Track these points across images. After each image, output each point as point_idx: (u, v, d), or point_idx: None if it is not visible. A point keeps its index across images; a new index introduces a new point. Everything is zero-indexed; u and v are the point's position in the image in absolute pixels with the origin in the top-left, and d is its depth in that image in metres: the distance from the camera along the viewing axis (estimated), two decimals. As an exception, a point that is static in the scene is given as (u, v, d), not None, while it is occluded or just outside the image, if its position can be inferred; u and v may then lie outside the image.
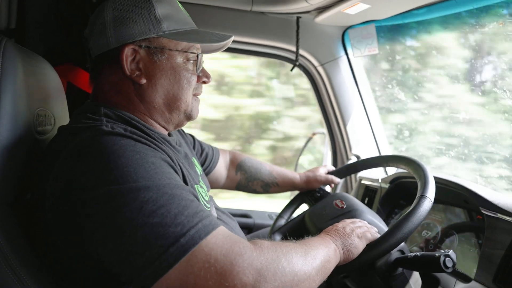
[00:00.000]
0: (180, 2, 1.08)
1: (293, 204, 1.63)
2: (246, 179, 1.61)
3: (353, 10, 1.55)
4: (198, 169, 1.23)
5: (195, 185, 1.04)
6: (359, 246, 1.02)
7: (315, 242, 0.93)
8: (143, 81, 0.98)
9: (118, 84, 0.99)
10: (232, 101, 4.69)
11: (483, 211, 1.18)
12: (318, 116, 2.24)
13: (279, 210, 1.58)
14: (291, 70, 2.05)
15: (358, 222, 1.11)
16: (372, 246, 1.02)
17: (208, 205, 1.08)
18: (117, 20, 0.96)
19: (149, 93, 0.99)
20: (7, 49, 0.84)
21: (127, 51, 0.95)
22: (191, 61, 1.02)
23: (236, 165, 1.62)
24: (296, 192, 1.66)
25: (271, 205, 2.98)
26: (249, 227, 2.19)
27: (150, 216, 0.73)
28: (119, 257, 0.74)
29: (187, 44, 1.01)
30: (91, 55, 1.03)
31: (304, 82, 2.20)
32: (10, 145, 0.83)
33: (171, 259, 0.72)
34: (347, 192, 2.12)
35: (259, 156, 4.52)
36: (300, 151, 2.64)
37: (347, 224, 1.08)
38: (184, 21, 1.03)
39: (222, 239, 0.76)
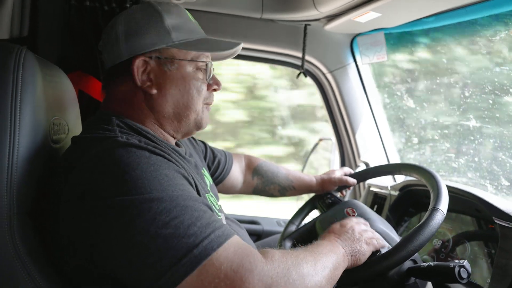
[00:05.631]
0: (191, 9, 1.09)
1: (304, 209, 1.62)
2: (263, 184, 1.59)
3: (364, 18, 1.55)
4: (208, 179, 1.23)
5: (206, 194, 1.04)
6: (366, 253, 1.02)
7: (325, 249, 0.94)
8: (154, 91, 0.99)
9: (129, 95, 1.00)
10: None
11: (496, 221, 1.18)
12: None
13: (286, 216, 1.58)
14: (297, 76, 2.05)
15: (363, 225, 1.11)
16: (383, 257, 1.02)
17: (219, 214, 1.08)
18: (128, 33, 0.98)
19: (159, 102, 1.00)
20: (26, 60, 0.84)
21: (138, 63, 0.98)
22: (201, 70, 1.04)
23: (253, 169, 1.61)
24: (306, 197, 1.65)
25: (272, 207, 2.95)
26: (258, 234, 2.19)
27: (163, 227, 0.73)
28: (130, 268, 0.74)
29: (196, 53, 1.02)
30: (105, 66, 1.05)
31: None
32: (29, 155, 0.84)
33: (182, 271, 0.71)
34: (355, 199, 2.11)
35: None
36: (307, 156, 2.64)
37: (355, 226, 1.08)
38: (193, 31, 1.04)
39: (233, 252, 0.75)
